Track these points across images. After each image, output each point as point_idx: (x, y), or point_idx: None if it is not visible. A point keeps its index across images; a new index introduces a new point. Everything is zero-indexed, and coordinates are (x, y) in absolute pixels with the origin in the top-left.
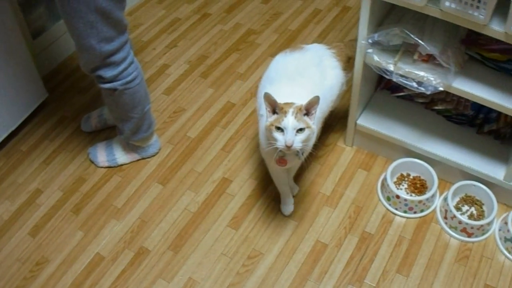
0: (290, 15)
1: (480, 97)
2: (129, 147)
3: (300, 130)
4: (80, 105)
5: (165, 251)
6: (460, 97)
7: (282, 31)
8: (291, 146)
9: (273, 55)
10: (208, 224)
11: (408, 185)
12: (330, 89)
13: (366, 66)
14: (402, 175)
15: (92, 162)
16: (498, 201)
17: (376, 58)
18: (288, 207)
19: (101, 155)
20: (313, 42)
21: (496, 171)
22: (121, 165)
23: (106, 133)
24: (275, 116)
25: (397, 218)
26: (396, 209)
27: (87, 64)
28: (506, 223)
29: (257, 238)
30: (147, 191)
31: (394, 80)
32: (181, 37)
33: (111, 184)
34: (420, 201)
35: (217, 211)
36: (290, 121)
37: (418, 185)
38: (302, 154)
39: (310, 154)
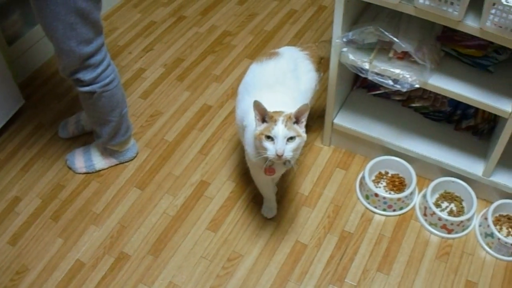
0: (265, 16)
1: (456, 93)
2: (106, 152)
3: (291, 138)
4: (57, 112)
5: (145, 256)
6: (437, 94)
7: (257, 32)
8: (282, 155)
9: (249, 56)
10: (187, 228)
11: (387, 183)
12: (305, 92)
13: (342, 65)
14: (380, 173)
15: (70, 168)
16: (477, 197)
17: (351, 56)
18: (271, 211)
19: (79, 161)
20: (289, 42)
21: (474, 167)
22: (99, 170)
23: (83, 139)
24: (265, 125)
25: (377, 216)
26: (375, 207)
27: (66, 67)
28: (486, 218)
29: (236, 240)
30: (126, 196)
31: (370, 78)
32: (157, 41)
33: (90, 190)
34: (399, 199)
35: (195, 214)
36: (280, 129)
37: (396, 183)
38: (290, 162)
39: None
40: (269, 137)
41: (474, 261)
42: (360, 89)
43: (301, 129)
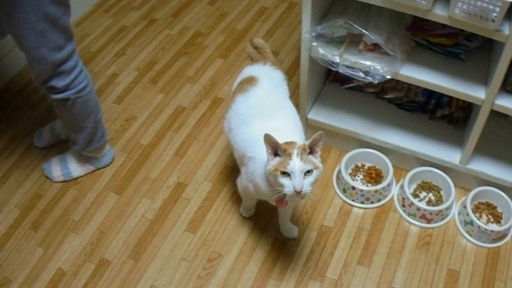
0: (236, 15)
1: (429, 82)
2: (83, 159)
3: (308, 172)
4: (32, 121)
5: (125, 261)
6: (410, 84)
7: (229, 31)
8: (301, 191)
9: (222, 56)
10: (166, 230)
11: (364, 176)
12: (291, 104)
13: (312, 60)
14: (357, 166)
15: (47, 178)
16: (455, 185)
17: (321, 51)
18: (250, 211)
19: (55, 170)
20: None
21: (451, 156)
22: (76, 178)
23: (60, 147)
24: (278, 159)
25: (355, 209)
26: (353, 200)
27: (39, 75)
28: (465, 206)
29: (215, 240)
30: (104, 202)
31: (341, 71)
32: (129, 45)
33: (68, 197)
34: (376, 191)
35: (174, 216)
36: (296, 164)
37: (373, 175)
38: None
39: None
40: (285, 173)
41: (455, 250)
42: (333, 83)
43: (316, 160)
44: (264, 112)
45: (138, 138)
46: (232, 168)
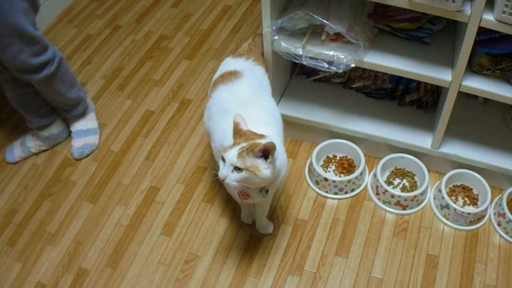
0: (200, 15)
1: (395, 68)
2: (39, 139)
3: (238, 169)
4: (1, 137)
5: (103, 269)
6: (377, 72)
7: (194, 32)
8: (224, 180)
9: (187, 57)
10: (142, 235)
11: (336, 167)
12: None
13: (276, 54)
14: (328, 157)
15: (8, 163)
16: (429, 170)
17: (283, 44)
18: (251, 216)
19: (16, 150)
20: (226, 38)
21: (422, 140)
22: (35, 153)
23: (32, 161)
24: (232, 143)
25: (329, 200)
26: (327, 192)
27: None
28: (440, 190)
29: (191, 241)
30: (78, 212)
31: (304, 63)
32: (95, 53)
33: (42, 210)
34: (349, 181)
35: (148, 220)
36: (230, 156)
37: (345, 165)
38: (267, 192)
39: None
40: (223, 158)
41: (432, 234)
42: (300, 76)
43: (263, 164)
44: (246, 103)
45: (108, 146)
46: (203, 169)
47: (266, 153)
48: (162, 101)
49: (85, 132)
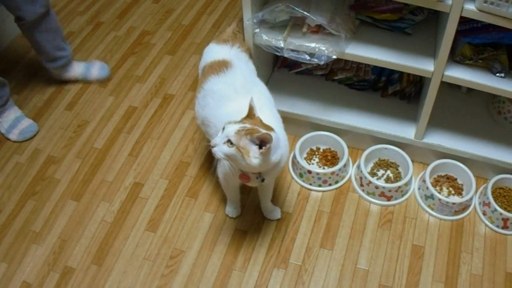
0: (182, 10)
1: (377, 59)
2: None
3: (230, 143)
4: None
5: (89, 266)
6: (359, 63)
7: (175, 27)
8: (213, 147)
9: (169, 52)
10: (127, 232)
11: (320, 159)
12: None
13: (258, 47)
14: (311, 149)
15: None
16: (413, 161)
17: (264, 37)
18: (236, 210)
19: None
20: (207, 33)
21: (406, 131)
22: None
23: (15, 160)
24: (239, 119)
25: (313, 193)
26: (311, 184)
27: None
28: (424, 181)
29: (176, 236)
30: (63, 210)
31: (286, 56)
32: (77, 50)
33: (26, 209)
34: (333, 173)
35: (133, 217)
36: (229, 128)
37: (329, 157)
38: (262, 180)
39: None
40: (223, 128)
41: (418, 225)
42: (282, 69)
43: (254, 151)
44: (245, 89)
45: (92, 143)
46: (187, 164)
47: (262, 142)
48: (145, 97)
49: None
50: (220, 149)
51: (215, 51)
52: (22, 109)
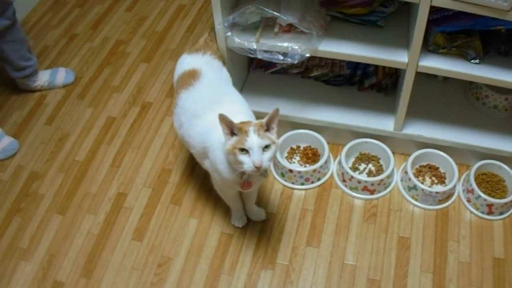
0: (155, 17)
1: (350, 54)
2: None
3: (266, 147)
4: None
5: (78, 279)
6: (334, 59)
7: (149, 34)
8: (261, 166)
9: (145, 60)
10: (113, 242)
11: (301, 157)
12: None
13: (230, 50)
14: (292, 148)
15: None
16: (394, 152)
17: (237, 40)
18: (242, 219)
19: None
20: (182, 38)
21: (385, 124)
22: None
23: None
24: (235, 138)
25: (296, 191)
26: (293, 183)
27: None
28: (406, 172)
29: (162, 244)
30: (49, 225)
31: (259, 57)
32: (53, 64)
33: (13, 227)
34: (314, 170)
35: (119, 227)
36: (254, 140)
37: (310, 155)
38: (266, 171)
39: None
40: (243, 150)
41: (402, 217)
42: (257, 70)
43: (273, 136)
44: (213, 102)
45: (73, 156)
46: (169, 171)
47: (269, 125)
48: (123, 107)
49: None
50: (266, 160)
51: (186, 62)
52: (2, 126)
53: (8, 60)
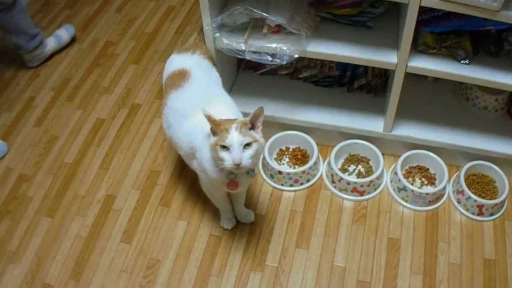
0: (144, 19)
1: (339, 55)
2: None
3: (248, 145)
4: None
5: (67, 282)
6: (323, 60)
7: (139, 36)
8: (240, 163)
9: (134, 62)
10: (102, 245)
11: (290, 158)
12: (223, 89)
13: (219, 51)
14: (281, 150)
15: None
16: (383, 154)
17: (225, 41)
18: (231, 221)
19: None
20: (171, 39)
21: (374, 125)
22: None
23: None
24: (219, 134)
25: (285, 193)
26: (282, 184)
27: None
28: (396, 173)
29: (151, 246)
30: (37, 227)
31: (248, 58)
32: (42, 66)
33: (1, 229)
34: (303, 172)
35: (107, 229)
36: (234, 137)
37: (299, 156)
38: (253, 171)
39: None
40: (224, 147)
41: (392, 218)
42: (246, 71)
43: (258, 134)
44: (202, 103)
45: (62, 158)
46: (158, 173)
47: (254, 124)
48: (112, 108)
49: None
50: (246, 158)
51: (175, 62)
52: None
53: (23, 30)
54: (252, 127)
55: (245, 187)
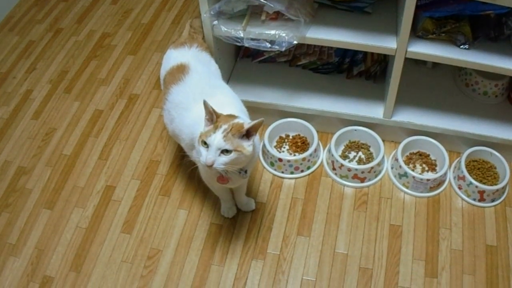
0: (140, 10)
1: (338, 41)
2: None
3: (226, 151)
4: None
5: (68, 274)
6: (322, 47)
7: (135, 27)
8: (211, 166)
9: (131, 52)
10: (102, 236)
11: (290, 146)
12: (222, 81)
13: (217, 39)
14: (281, 137)
15: None
16: (384, 140)
17: (223, 28)
18: (231, 210)
19: None
20: (168, 30)
21: (374, 111)
22: None
23: None
24: (210, 127)
25: (286, 180)
26: (282, 172)
27: None
28: (396, 159)
29: (152, 236)
30: (37, 219)
31: (246, 45)
32: (39, 59)
33: (1, 222)
34: (304, 159)
35: (107, 220)
36: (216, 139)
37: (299, 144)
38: (246, 172)
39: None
40: (205, 143)
41: (393, 205)
42: (244, 59)
43: (246, 143)
44: (203, 95)
45: (60, 150)
46: (157, 162)
47: (250, 132)
48: (110, 99)
49: None
50: (219, 163)
51: (173, 57)
52: None
53: None
54: (247, 134)
55: (237, 184)
